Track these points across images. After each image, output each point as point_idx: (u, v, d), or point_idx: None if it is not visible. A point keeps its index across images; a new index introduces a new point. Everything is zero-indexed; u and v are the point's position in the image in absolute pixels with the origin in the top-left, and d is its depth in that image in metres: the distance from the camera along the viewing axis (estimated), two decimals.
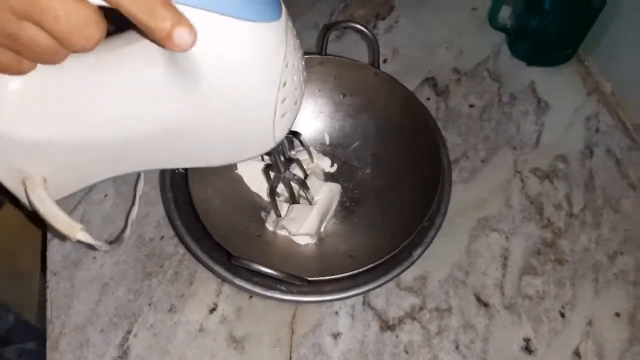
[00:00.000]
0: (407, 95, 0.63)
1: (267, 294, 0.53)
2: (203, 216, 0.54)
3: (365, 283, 0.54)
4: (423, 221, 0.55)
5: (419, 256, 0.56)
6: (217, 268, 0.53)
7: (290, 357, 0.55)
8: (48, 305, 0.57)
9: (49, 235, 0.61)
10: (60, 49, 0.29)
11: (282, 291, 0.53)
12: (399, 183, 0.62)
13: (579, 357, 0.56)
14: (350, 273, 0.53)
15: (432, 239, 0.57)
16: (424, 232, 0.57)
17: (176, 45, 0.29)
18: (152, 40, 0.30)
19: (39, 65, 0.32)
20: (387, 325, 0.57)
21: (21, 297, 0.85)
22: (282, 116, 0.38)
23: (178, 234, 0.56)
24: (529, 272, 0.61)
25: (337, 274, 0.53)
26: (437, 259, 0.61)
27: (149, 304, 0.57)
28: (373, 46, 0.65)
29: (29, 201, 0.38)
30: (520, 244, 0.63)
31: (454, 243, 0.63)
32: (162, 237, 0.62)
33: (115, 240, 0.44)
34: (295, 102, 0.39)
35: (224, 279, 0.53)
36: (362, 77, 0.64)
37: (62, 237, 0.58)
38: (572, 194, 0.68)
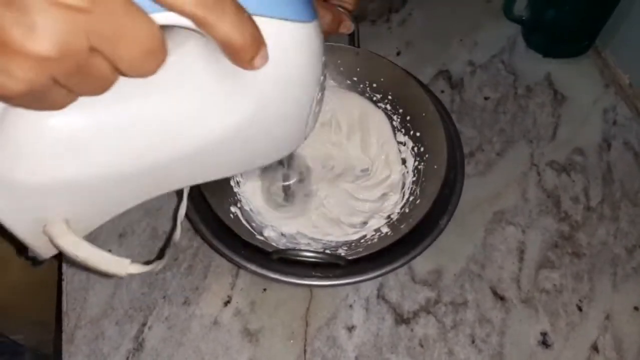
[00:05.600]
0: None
1: (284, 279, 0.52)
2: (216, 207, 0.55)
3: (388, 263, 0.53)
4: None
5: (446, 225, 0.56)
6: (232, 256, 0.53)
7: (305, 350, 0.55)
8: (63, 297, 0.57)
9: None
10: (112, 79, 0.26)
11: (299, 276, 0.52)
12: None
13: (597, 351, 0.56)
14: (387, 244, 0.53)
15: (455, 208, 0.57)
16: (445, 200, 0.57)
17: (255, 66, 0.28)
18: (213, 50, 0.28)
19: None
20: (401, 319, 0.57)
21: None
22: (315, 112, 0.38)
23: (192, 223, 0.56)
24: (546, 266, 0.61)
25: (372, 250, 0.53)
26: (452, 252, 0.61)
27: (164, 297, 0.58)
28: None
29: (60, 249, 0.35)
30: (537, 238, 0.63)
31: (470, 236, 0.62)
32: None
33: (166, 246, 0.41)
34: (322, 97, 0.38)
35: (240, 267, 0.53)
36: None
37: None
38: (590, 187, 0.67)
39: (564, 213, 0.64)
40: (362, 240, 0.57)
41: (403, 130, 0.64)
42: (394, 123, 0.64)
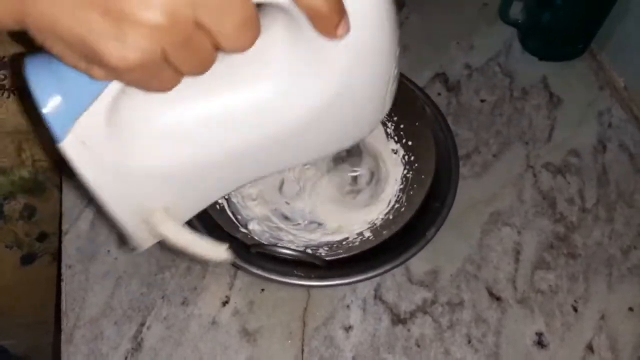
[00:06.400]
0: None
1: (282, 280, 0.53)
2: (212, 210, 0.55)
3: (379, 265, 0.54)
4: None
5: (432, 237, 0.56)
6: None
7: (302, 350, 0.55)
8: (62, 297, 0.58)
9: (63, 229, 0.62)
10: (213, 56, 0.28)
11: (297, 276, 0.53)
12: None
13: (592, 351, 0.56)
14: (368, 248, 0.54)
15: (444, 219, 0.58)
16: (436, 211, 0.58)
17: (339, 35, 0.29)
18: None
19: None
20: (398, 319, 0.57)
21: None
22: (392, 89, 0.38)
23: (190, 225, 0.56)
24: (542, 267, 0.61)
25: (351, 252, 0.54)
26: (448, 253, 0.61)
27: (162, 297, 0.58)
28: None
29: (162, 237, 0.36)
30: (533, 238, 0.63)
31: (466, 237, 0.63)
32: None
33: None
34: (397, 73, 0.38)
35: (239, 268, 0.54)
36: None
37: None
38: (585, 188, 0.67)
39: (559, 214, 0.65)
40: (344, 242, 0.57)
41: (396, 137, 0.64)
42: (388, 130, 0.65)
